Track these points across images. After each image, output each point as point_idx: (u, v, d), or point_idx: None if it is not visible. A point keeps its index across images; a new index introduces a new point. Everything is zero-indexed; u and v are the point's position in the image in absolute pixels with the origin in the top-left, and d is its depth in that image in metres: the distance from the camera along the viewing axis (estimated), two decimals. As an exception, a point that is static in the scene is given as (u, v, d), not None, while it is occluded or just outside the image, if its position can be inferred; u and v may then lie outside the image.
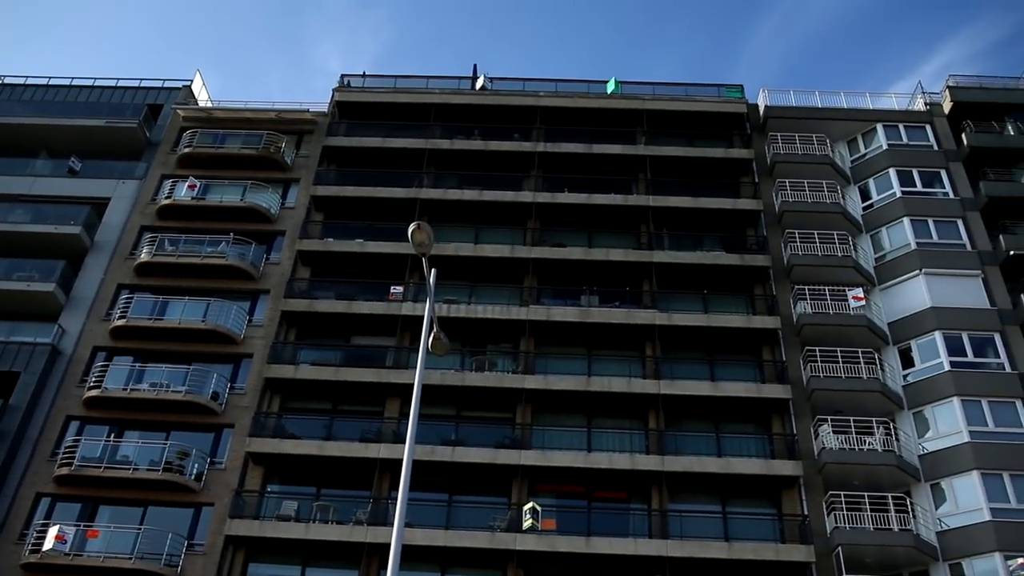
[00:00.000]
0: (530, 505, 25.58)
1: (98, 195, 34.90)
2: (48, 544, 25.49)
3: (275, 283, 31.85)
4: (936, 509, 26.38)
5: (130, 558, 25.53)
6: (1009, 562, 24.49)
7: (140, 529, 26.27)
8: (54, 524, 26.12)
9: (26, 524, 26.85)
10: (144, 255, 31.97)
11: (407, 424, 14.84)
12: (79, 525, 26.37)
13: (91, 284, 32.11)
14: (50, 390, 29.36)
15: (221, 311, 30.68)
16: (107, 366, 29.73)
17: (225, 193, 34.25)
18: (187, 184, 34.09)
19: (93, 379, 29.27)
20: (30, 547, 25.91)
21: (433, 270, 14.85)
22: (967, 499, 25.98)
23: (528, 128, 36.05)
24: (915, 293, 30.34)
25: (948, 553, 25.45)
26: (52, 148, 37.29)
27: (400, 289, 31.11)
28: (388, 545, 25.00)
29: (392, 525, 25.24)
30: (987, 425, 27.11)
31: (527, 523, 25.25)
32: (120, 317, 30.53)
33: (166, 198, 33.83)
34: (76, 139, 36.87)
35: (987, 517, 25.26)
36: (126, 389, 28.79)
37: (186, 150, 35.24)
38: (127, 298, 31.35)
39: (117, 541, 26.10)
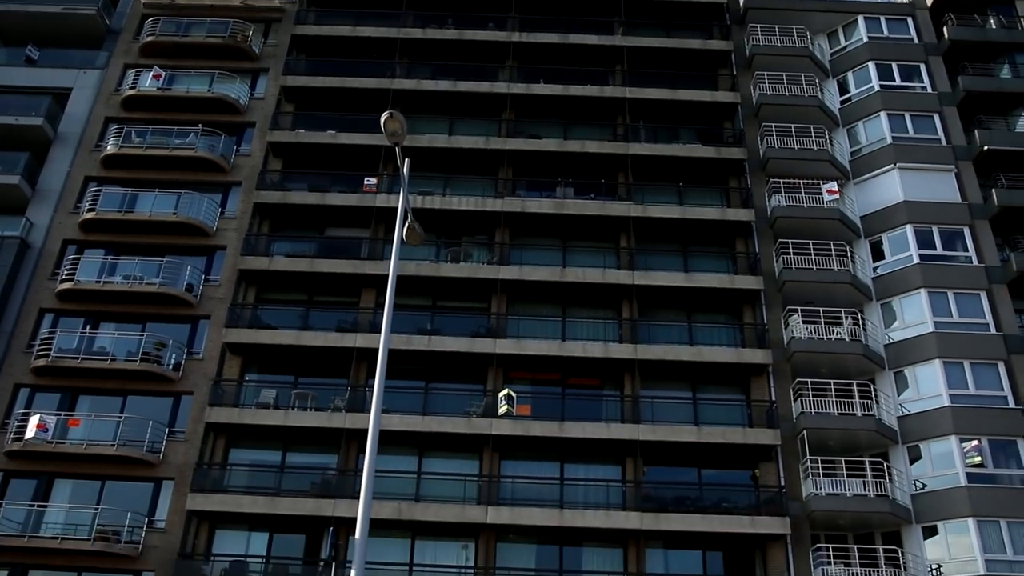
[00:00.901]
0: (505, 392, 26.12)
1: (59, 85, 33.78)
2: (30, 432, 25.76)
3: (246, 175, 31.36)
4: (898, 395, 27.26)
5: (112, 445, 25.90)
6: (964, 444, 25.52)
7: (121, 417, 26.57)
8: (35, 413, 26.32)
9: (7, 414, 27.03)
10: (110, 147, 31.24)
11: (383, 314, 15.04)
12: (60, 414, 26.61)
13: (57, 177, 31.45)
14: (22, 283, 29.09)
15: (192, 203, 30.29)
16: (78, 259, 29.47)
17: (192, 83, 33.33)
18: (152, 74, 33.10)
19: (65, 272, 29.03)
20: (12, 435, 26.19)
21: (407, 160, 14.69)
22: (928, 386, 26.84)
23: (503, 17, 35.11)
24: (889, 187, 30.53)
25: (907, 436, 26.44)
26: (7, 36, 35.88)
27: (374, 181, 30.78)
28: (366, 430, 25.50)
29: (370, 412, 25.72)
30: (951, 316, 27.78)
31: (502, 409, 25.83)
32: (89, 210, 30.04)
33: (131, 88, 32.89)
34: (32, 27, 35.43)
35: (946, 403, 26.18)
36: (99, 281, 28.61)
37: (149, 39, 34.02)
38: (95, 191, 30.80)
39: (99, 429, 26.45)
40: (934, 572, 24.84)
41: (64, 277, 28.81)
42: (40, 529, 25.37)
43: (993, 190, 29.72)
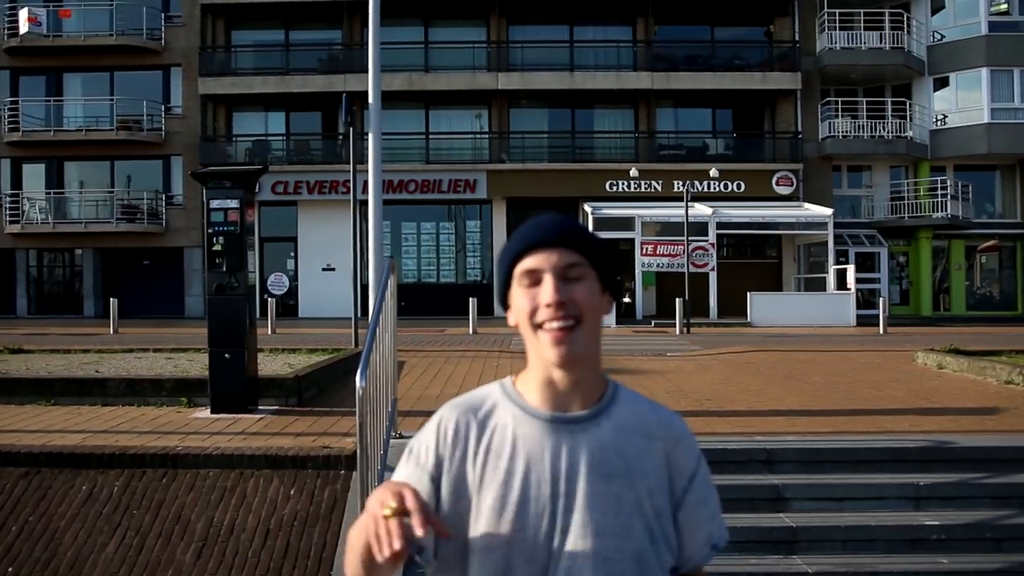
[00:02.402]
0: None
1: None
2: (23, 28, 25.07)
3: None
4: (932, 18, 25.44)
5: (111, 35, 25.34)
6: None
7: (112, 5, 25.58)
8: (22, 6, 25.36)
9: (-7, 6, 26.06)
10: None
11: None
12: (48, 6, 25.65)
13: None
14: None
15: None
16: None
17: None
18: None
19: None
20: (7, 31, 25.50)
21: None
22: (966, 11, 24.89)
23: None
24: None
25: (935, 68, 25.21)
26: None
27: None
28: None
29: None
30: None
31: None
32: None
33: None
34: None
35: (983, 31, 24.49)
36: None
37: None
38: None
39: (93, 20, 25.64)
40: (939, 122, 25.34)
41: None
42: (63, 123, 25.92)
43: None
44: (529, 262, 1.32)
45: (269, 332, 16.46)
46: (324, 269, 24.59)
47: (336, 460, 5.74)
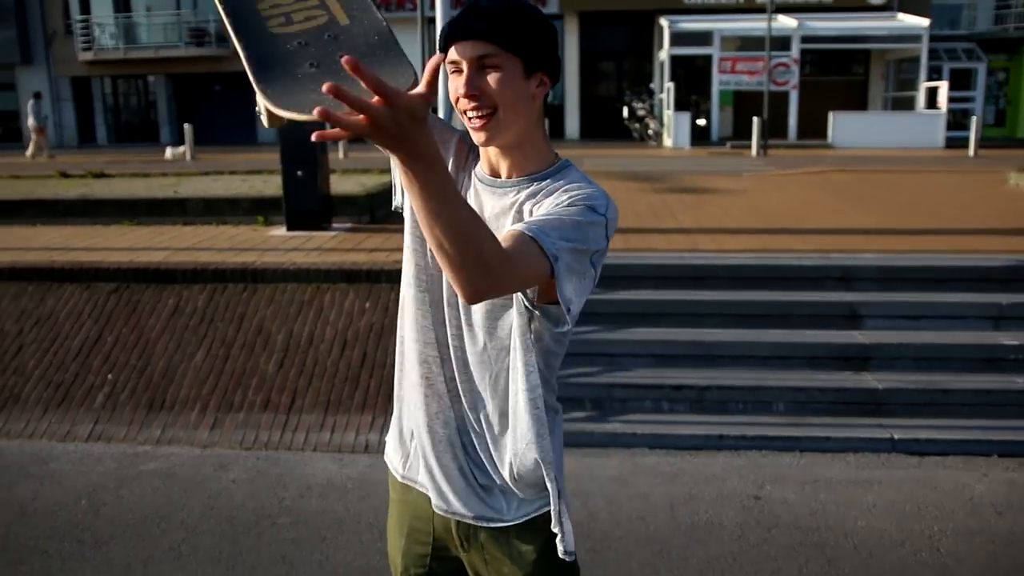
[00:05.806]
0: None
1: None
2: None
3: None
4: None
5: None
6: None
7: None
8: None
9: None
10: None
11: None
12: None
13: None
14: None
15: None
16: None
17: None
18: None
19: None
20: None
21: None
22: None
23: None
24: None
25: None
26: None
27: None
28: None
29: None
30: None
31: None
32: None
33: None
34: None
35: None
36: None
37: None
38: None
39: None
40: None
41: None
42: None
43: None
44: (452, 52, 1.38)
45: (340, 156, 16.54)
46: (392, 92, 24.16)
47: (409, 274, 5.84)
